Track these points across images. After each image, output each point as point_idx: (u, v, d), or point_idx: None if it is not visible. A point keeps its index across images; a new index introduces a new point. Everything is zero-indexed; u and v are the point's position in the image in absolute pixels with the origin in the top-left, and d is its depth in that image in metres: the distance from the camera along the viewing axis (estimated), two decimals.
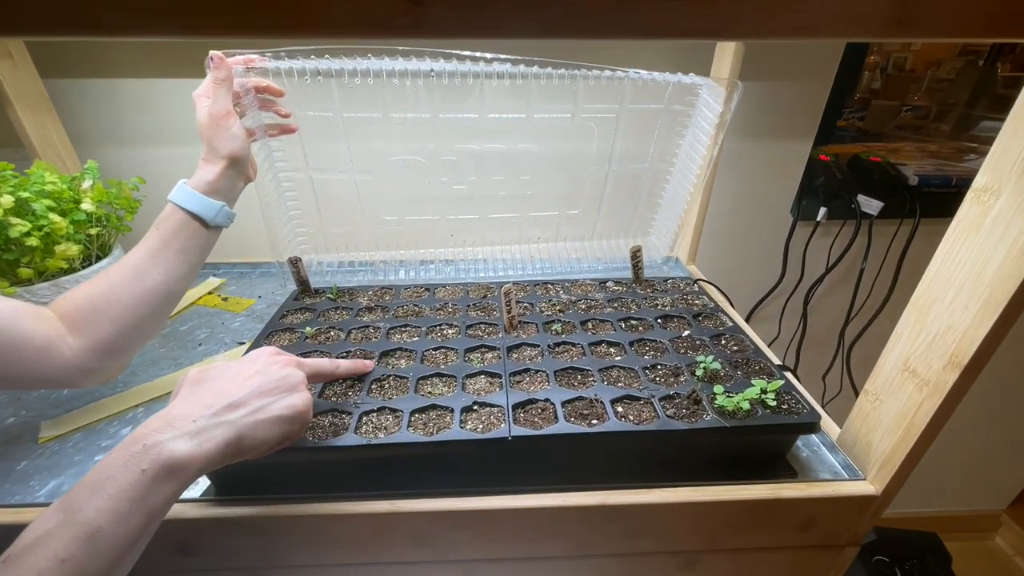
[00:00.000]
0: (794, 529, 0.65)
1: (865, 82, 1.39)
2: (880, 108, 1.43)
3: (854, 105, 1.42)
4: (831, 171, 1.39)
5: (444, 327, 0.85)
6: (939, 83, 1.45)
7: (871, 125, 1.44)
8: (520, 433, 0.60)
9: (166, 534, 0.61)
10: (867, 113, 1.44)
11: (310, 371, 0.60)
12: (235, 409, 0.50)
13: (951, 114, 1.50)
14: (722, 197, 1.35)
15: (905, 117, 1.47)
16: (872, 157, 1.44)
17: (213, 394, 0.50)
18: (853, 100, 1.41)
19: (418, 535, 0.63)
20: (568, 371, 0.73)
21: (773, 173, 1.37)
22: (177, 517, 0.59)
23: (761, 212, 1.42)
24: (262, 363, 0.55)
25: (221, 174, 0.71)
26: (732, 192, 1.35)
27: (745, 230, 1.43)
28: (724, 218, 1.39)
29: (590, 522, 0.62)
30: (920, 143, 1.51)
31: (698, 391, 0.67)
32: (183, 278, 0.70)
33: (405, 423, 0.62)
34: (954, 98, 1.48)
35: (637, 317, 0.86)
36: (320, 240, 1.10)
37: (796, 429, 0.63)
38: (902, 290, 1.43)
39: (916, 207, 1.37)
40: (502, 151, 0.98)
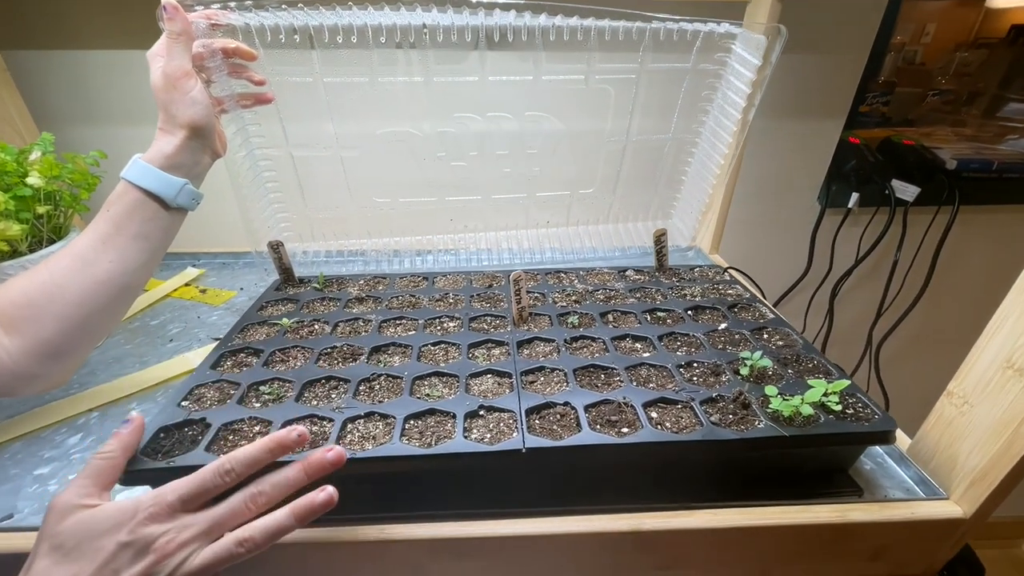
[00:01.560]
0: (862, 558, 0.54)
1: (890, 65, 1.29)
2: (904, 94, 1.33)
3: (878, 89, 1.32)
4: (863, 154, 1.29)
5: (444, 320, 0.74)
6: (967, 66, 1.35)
7: (896, 111, 1.34)
8: (537, 444, 0.50)
9: None
10: (892, 98, 1.33)
11: (218, 519, 0.42)
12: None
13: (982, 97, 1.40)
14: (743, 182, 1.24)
15: (932, 102, 1.36)
16: (905, 140, 1.34)
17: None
18: (877, 84, 1.30)
19: (413, 568, 0.52)
20: (589, 370, 0.62)
21: (799, 156, 1.27)
22: None
23: (786, 199, 1.31)
24: (126, 530, 0.40)
25: (181, 146, 0.60)
26: (754, 176, 1.25)
27: (768, 218, 1.32)
28: (745, 205, 1.28)
29: (619, 552, 0.52)
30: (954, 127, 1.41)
31: (746, 393, 0.56)
32: (141, 268, 0.60)
33: (398, 432, 0.52)
34: (984, 81, 1.38)
35: (664, 308, 0.76)
36: (305, 226, 1.00)
37: (867, 439, 0.53)
38: (938, 284, 1.33)
39: (955, 193, 1.27)
40: (506, 122, 0.87)
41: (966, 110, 1.40)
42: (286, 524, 0.42)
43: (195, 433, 0.53)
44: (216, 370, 0.63)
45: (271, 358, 0.65)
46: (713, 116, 0.87)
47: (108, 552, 0.39)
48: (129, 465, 0.48)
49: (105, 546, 0.40)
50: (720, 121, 0.86)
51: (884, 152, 1.32)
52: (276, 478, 0.43)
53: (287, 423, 0.53)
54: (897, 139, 1.34)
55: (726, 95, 0.83)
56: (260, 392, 0.59)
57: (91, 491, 0.43)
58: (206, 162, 0.65)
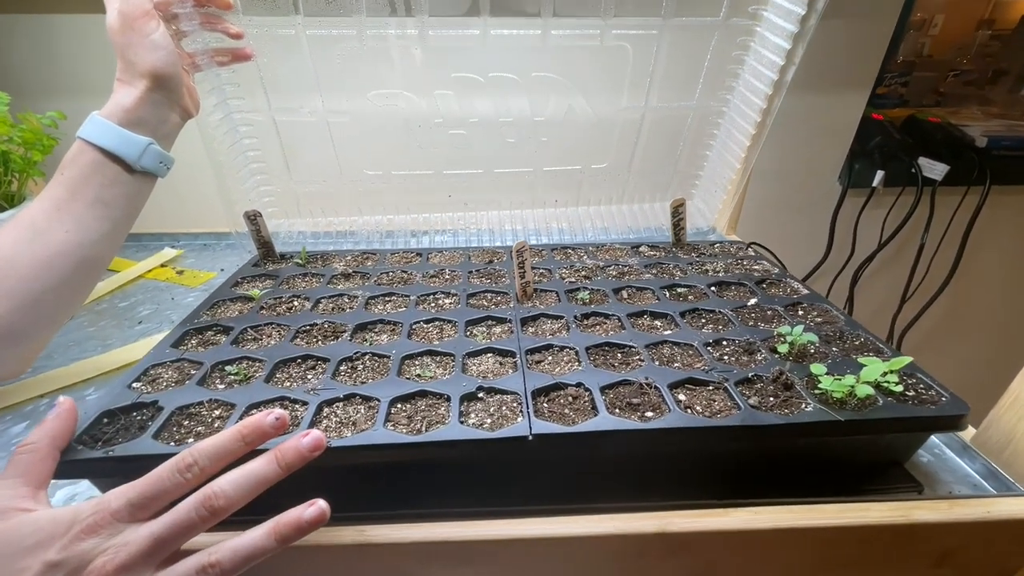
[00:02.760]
0: (925, 564, 0.46)
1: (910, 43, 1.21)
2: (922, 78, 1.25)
3: (896, 69, 1.24)
4: (887, 130, 1.21)
5: (439, 296, 0.66)
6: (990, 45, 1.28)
7: (915, 93, 1.26)
8: (545, 430, 0.42)
9: None
10: (911, 78, 1.26)
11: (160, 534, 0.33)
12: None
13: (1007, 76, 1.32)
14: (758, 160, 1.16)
15: (952, 83, 1.29)
16: (930, 118, 1.26)
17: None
18: (895, 64, 1.23)
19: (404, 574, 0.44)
20: (604, 348, 0.54)
21: (819, 133, 1.19)
22: None
23: (805, 179, 1.23)
24: (58, 547, 0.32)
25: (142, 98, 0.53)
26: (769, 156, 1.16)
27: (785, 200, 1.24)
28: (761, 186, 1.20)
29: (643, 557, 0.44)
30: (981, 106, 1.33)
31: (787, 373, 0.48)
32: (103, 240, 0.52)
33: (382, 417, 0.44)
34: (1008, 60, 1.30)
35: (684, 284, 0.68)
36: (290, 201, 0.92)
37: (936, 424, 0.45)
38: (967, 269, 1.25)
39: (986, 172, 1.19)
40: (510, 84, 0.79)
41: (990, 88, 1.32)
42: (264, 545, 0.33)
43: (144, 418, 0.45)
44: (178, 349, 0.55)
45: (242, 336, 0.58)
46: (744, 80, 0.79)
47: (33, 573, 0.31)
48: (62, 455, 0.40)
49: (31, 565, 0.31)
50: (752, 85, 0.77)
51: (908, 130, 1.24)
52: (237, 475, 0.34)
53: (252, 407, 0.46)
54: (922, 116, 1.26)
55: (760, 54, 0.75)
56: (225, 373, 0.51)
57: (21, 492, 0.35)
58: (174, 120, 0.58)
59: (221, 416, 0.45)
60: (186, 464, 0.34)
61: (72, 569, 0.31)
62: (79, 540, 0.32)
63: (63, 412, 0.40)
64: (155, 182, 0.57)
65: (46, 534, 0.32)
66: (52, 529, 0.32)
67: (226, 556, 0.32)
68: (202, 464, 0.34)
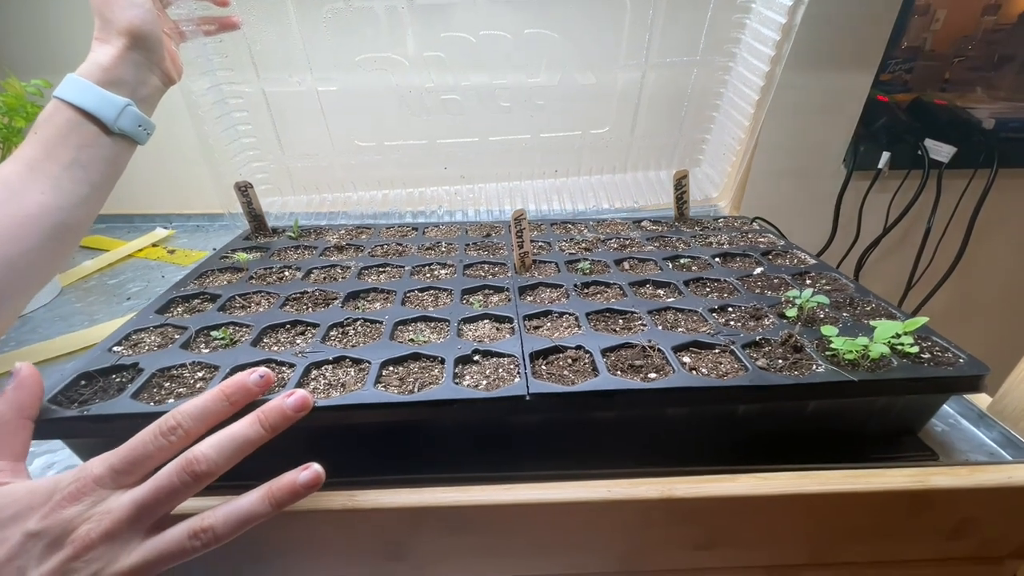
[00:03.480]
0: (941, 535, 0.44)
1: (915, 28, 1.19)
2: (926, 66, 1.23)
3: (900, 55, 1.22)
4: (893, 112, 1.19)
5: (435, 267, 0.64)
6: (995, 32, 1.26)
7: (919, 80, 1.23)
8: (543, 390, 0.40)
9: None
10: (915, 64, 1.24)
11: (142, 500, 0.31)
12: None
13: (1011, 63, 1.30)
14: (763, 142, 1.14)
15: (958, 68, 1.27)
16: (936, 100, 1.24)
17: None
18: (899, 50, 1.21)
19: (391, 542, 0.42)
20: (605, 314, 0.52)
21: (823, 114, 1.16)
22: None
23: (810, 161, 1.21)
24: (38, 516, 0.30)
25: (120, 56, 0.50)
26: (775, 137, 1.14)
27: (790, 181, 1.22)
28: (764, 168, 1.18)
29: (647, 524, 0.42)
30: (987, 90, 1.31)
31: (797, 335, 0.46)
32: (81, 205, 0.49)
33: (372, 378, 0.42)
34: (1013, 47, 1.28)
35: (688, 256, 0.66)
36: (282, 177, 0.89)
37: (954, 385, 0.43)
38: (974, 253, 1.23)
39: (994, 154, 1.17)
40: (503, 43, 0.76)
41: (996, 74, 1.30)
42: (258, 510, 0.32)
43: (124, 380, 0.43)
44: (162, 315, 0.53)
45: (229, 303, 0.56)
46: (751, 30, 0.76)
47: (12, 544, 0.30)
48: None
49: (9, 537, 0.30)
50: (760, 34, 0.74)
51: (914, 113, 1.22)
52: (219, 438, 0.32)
53: (237, 368, 0.43)
54: (928, 99, 1.24)
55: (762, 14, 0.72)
56: (211, 337, 0.49)
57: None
58: (154, 83, 0.55)
59: (204, 378, 0.43)
60: (169, 427, 0.32)
61: (54, 538, 0.30)
62: (60, 508, 0.30)
63: (24, 379, 0.38)
64: (134, 148, 0.55)
65: (24, 504, 0.31)
66: (30, 500, 0.31)
67: (219, 521, 0.31)
68: (186, 426, 0.33)
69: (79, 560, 0.29)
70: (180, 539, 0.31)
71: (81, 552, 0.29)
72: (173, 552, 0.31)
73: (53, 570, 0.29)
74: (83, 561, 0.29)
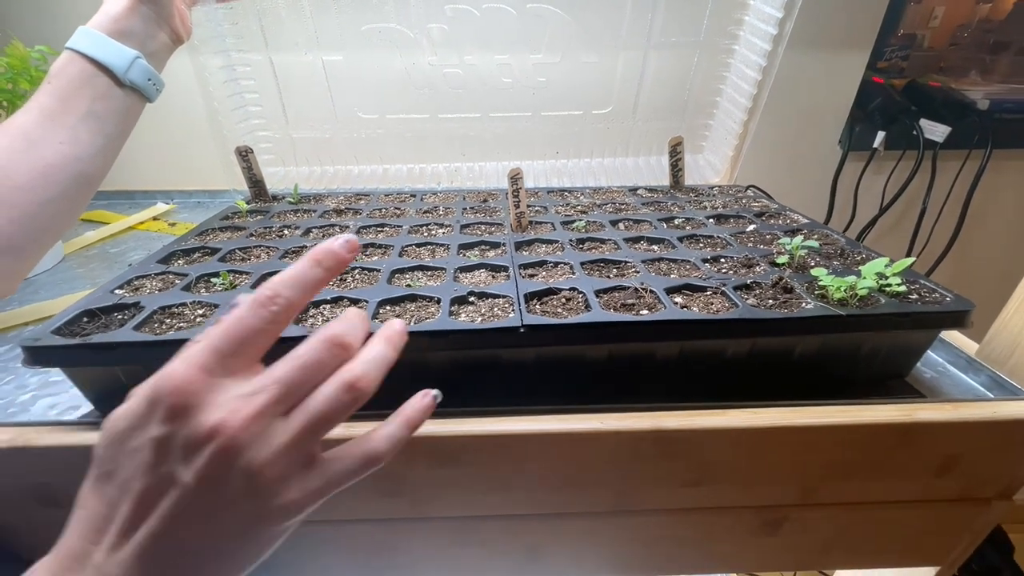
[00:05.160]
0: (928, 472, 0.45)
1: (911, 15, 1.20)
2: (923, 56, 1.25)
3: (896, 42, 1.23)
4: (888, 93, 1.20)
5: (432, 227, 0.65)
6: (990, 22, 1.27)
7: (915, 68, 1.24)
8: (536, 322, 0.41)
9: (20, 473, 0.42)
10: (911, 51, 1.25)
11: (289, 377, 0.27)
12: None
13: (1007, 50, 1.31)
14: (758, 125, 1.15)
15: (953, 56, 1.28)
16: (931, 82, 1.25)
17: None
18: (896, 36, 1.22)
19: (386, 478, 0.43)
20: (599, 264, 0.53)
21: (818, 94, 1.17)
22: (32, 445, 0.40)
23: (804, 141, 1.21)
24: (156, 420, 0.26)
25: (130, 7, 0.52)
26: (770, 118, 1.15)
27: (785, 162, 1.22)
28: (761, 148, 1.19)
29: (637, 459, 0.43)
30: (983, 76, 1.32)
31: (787, 278, 0.47)
32: (97, 155, 0.50)
33: (369, 315, 0.43)
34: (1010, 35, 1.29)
35: (682, 217, 0.67)
36: (286, 148, 0.90)
37: (940, 321, 0.44)
38: (969, 234, 1.23)
39: (988, 135, 1.18)
40: (506, 17, 0.77)
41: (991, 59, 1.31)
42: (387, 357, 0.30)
43: (125, 318, 0.44)
44: (164, 264, 0.54)
45: (230, 255, 0.56)
46: (754, 9, 0.77)
47: (145, 454, 0.26)
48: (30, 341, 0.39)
49: (138, 448, 0.26)
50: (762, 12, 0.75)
51: (909, 94, 1.23)
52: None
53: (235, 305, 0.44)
54: (923, 81, 1.25)
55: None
56: (211, 283, 0.50)
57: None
58: (163, 39, 0.56)
59: (204, 315, 0.44)
60: (267, 296, 0.27)
61: (189, 437, 0.25)
62: (177, 404, 0.25)
63: None
64: (144, 104, 0.56)
65: (135, 414, 0.26)
66: (139, 408, 0.26)
67: (371, 368, 0.28)
68: (286, 295, 0.28)
69: (231, 450, 0.25)
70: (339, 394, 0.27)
71: (231, 444, 0.25)
72: (336, 411, 0.27)
73: (206, 465, 0.25)
74: (235, 449, 0.25)
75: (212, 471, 0.25)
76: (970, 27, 1.25)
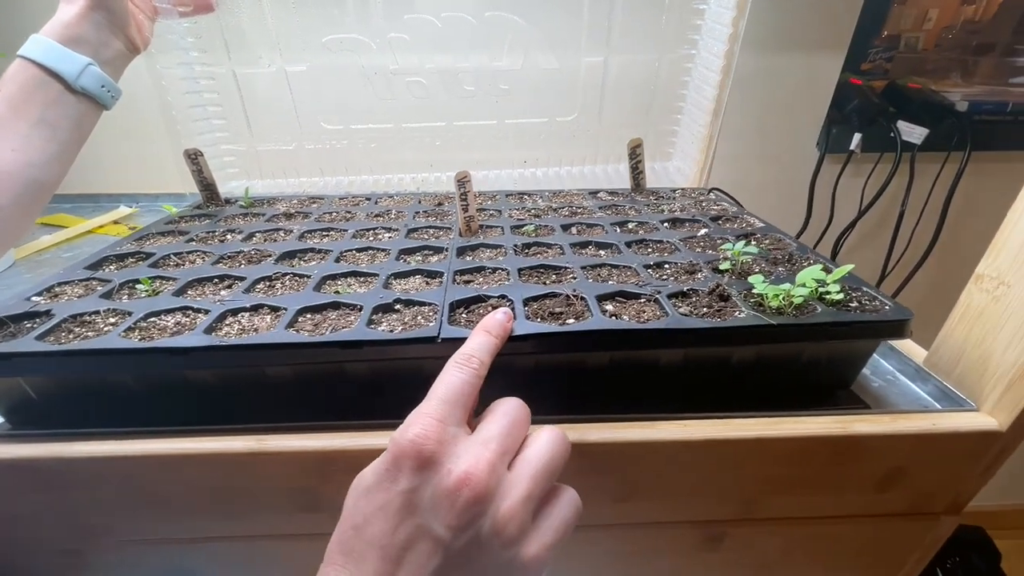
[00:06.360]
0: (869, 487, 0.43)
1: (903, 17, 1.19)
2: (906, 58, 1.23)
3: (880, 44, 1.21)
4: (865, 94, 1.18)
5: (379, 231, 0.64)
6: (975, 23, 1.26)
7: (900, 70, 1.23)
8: (454, 334, 0.39)
9: None
10: (896, 53, 1.23)
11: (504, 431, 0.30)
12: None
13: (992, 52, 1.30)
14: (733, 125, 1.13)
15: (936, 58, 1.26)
16: (911, 83, 1.24)
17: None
18: (879, 38, 1.20)
19: (302, 492, 0.41)
20: (538, 269, 0.52)
21: (794, 97, 1.16)
22: None
23: (781, 144, 1.20)
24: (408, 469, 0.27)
25: (81, 15, 0.51)
26: (746, 120, 1.13)
27: (762, 165, 1.21)
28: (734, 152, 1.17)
29: (564, 473, 0.41)
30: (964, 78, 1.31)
31: (724, 285, 0.46)
32: (52, 162, 0.50)
33: (285, 323, 0.41)
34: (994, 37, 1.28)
35: (638, 221, 0.65)
36: (251, 161, 0.89)
37: (876, 330, 0.42)
38: (949, 239, 1.22)
39: (967, 137, 1.16)
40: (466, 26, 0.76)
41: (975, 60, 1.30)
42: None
43: (34, 326, 0.42)
44: (92, 270, 0.53)
45: (163, 261, 0.55)
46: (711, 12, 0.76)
47: (394, 512, 0.26)
48: None
49: (388, 501, 0.26)
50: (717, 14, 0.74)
51: (888, 96, 1.22)
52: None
53: (150, 315, 0.43)
54: (902, 83, 1.23)
55: None
56: (135, 289, 0.48)
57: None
58: (117, 47, 0.55)
59: (115, 323, 0.42)
60: (465, 356, 0.32)
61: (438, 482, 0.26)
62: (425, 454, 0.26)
63: None
64: (100, 112, 0.55)
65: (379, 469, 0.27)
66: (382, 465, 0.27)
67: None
68: (478, 356, 0.32)
69: (484, 493, 0.26)
70: None
71: (482, 488, 0.26)
72: None
73: (460, 512, 0.25)
74: (488, 494, 0.26)
75: (464, 520, 0.25)
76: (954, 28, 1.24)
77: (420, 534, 0.25)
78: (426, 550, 0.25)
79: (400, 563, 0.25)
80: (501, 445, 0.28)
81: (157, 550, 0.46)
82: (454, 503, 0.25)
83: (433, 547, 0.25)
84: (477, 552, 0.26)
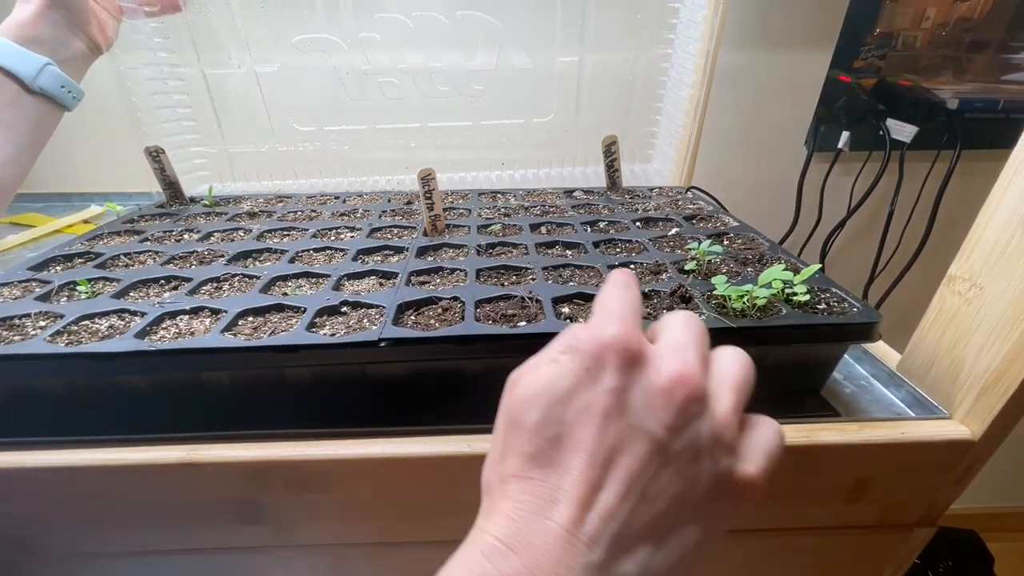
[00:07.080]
0: (838, 497, 0.41)
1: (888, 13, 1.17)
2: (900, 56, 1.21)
3: (873, 41, 1.19)
4: (854, 92, 1.16)
5: (342, 230, 0.62)
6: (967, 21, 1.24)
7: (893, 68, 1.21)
8: (396, 335, 0.37)
9: None
10: (888, 51, 1.21)
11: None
12: None
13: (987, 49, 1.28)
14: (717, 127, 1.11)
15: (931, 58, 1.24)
16: (901, 81, 1.22)
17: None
18: (872, 35, 1.18)
19: (241, 504, 0.39)
20: (499, 270, 0.50)
21: (781, 95, 1.14)
22: None
23: (769, 142, 1.18)
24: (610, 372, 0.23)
25: (38, 14, 0.50)
26: (730, 120, 1.11)
27: (749, 165, 1.19)
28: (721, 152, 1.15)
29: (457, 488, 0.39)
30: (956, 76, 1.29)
31: (688, 286, 0.44)
32: (9, 163, 0.49)
33: (222, 327, 0.39)
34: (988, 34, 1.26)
35: (610, 220, 0.63)
36: (223, 164, 0.87)
37: (842, 333, 0.40)
38: (940, 237, 1.20)
39: (957, 136, 1.14)
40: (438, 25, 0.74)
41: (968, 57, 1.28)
42: None
43: None
44: (36, 271, 0.51)
45: (112, 262, 0.53)
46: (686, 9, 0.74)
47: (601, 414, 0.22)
48: None
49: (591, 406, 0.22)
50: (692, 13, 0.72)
51: (878, 94, 1.20)
52: None
53: (83, 318, 0.41)
54: (892, 80, 1.21)
55: None
56: (75, 291, 0.46)
57: None
58: (77, 46, 0.53)
59: (44, 326, 0.40)
60: (624, 282, 0.27)
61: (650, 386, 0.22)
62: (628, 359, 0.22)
63: None
64: (61, 113, 0.53)
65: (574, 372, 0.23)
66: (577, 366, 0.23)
67: None
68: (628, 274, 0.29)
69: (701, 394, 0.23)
70: None
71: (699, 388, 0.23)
72: None
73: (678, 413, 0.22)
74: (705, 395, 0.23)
75: (683, 420, 0.22)
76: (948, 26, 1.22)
77: (633, 435, 0.22)
78: (640, 452, 0.22)
79: (610, 466, 0.22)
80: (696, 352, 0.24)
81: (96, 564, 0.44)
82: (670, 400, 0.22)
83: (648, 449, 0.22)
84: (695, 458, 0.22)
